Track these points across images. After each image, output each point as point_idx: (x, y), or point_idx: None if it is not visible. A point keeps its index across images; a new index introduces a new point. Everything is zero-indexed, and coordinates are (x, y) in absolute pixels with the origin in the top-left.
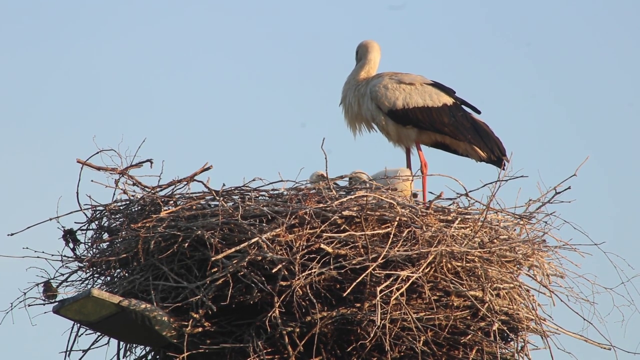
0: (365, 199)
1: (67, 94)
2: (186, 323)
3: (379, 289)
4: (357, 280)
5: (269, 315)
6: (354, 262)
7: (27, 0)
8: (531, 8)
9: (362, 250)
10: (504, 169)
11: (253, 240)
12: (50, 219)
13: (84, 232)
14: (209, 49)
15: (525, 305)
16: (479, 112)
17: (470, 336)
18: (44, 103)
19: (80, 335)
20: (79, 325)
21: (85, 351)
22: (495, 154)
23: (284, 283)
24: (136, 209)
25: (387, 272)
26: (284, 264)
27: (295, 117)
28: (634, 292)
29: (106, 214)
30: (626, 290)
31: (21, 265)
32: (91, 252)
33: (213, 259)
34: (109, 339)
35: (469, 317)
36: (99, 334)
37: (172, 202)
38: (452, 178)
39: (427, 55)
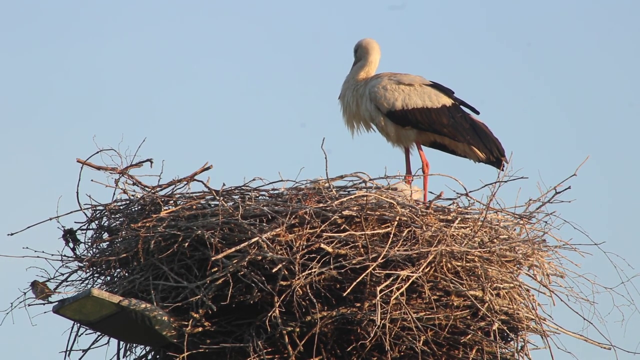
0: (365, 198)
1: (67, 94)
2: (186, 323)
3: (379, 288)
4: (357, 280)
5: (269, 315)
6: (354, 261)
7: (28, 1)
8: (531, 8)
9: (362, 250)
10: (502, 170)
11: (253, 240)
12: (50, 219)
13: (84, 231)
14: (209, 49)
15: (525, 305)
16: (477, 112)
17: (470, 336)
18: (44, 103)
19: (80, 335)
20: (78, 325)
21: (85, 351)
22: (494, 155)
23: (284, 283)
24: (136, 208)
25: (387, 271)
26: (284, 263)
27: (295, 117)
28: (634, 291)
29: (106, 213)
30: (626, 290)
31: (21, 265)
32: (91, 251)
33: (213, 258)
34: (109, 339)
35: (469, 317)
36: (98, 333)
37: (172, 201)
38: (453, 178)
39: (427, 55)
